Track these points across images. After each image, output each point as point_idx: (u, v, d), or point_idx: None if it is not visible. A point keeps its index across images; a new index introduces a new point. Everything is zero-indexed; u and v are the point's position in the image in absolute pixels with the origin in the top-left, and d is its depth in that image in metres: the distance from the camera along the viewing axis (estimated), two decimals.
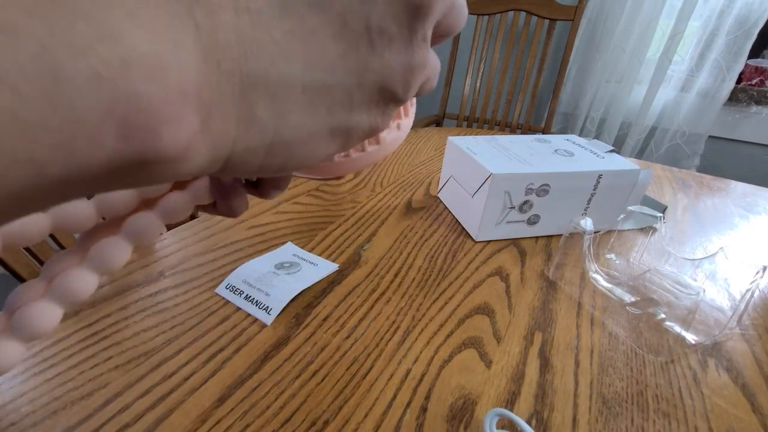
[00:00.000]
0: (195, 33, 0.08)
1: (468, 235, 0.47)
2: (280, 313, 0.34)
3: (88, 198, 0.15)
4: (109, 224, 0.16)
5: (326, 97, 0.11)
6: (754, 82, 1.24)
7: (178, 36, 0.08)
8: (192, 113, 0.08)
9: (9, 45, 0.06)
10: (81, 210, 0.14)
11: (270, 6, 0.09)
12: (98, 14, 0.06)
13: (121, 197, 0.15)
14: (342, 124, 0.12)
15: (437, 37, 0.14)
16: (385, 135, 0.19)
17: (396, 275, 0.40)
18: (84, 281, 0.14)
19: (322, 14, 0.10)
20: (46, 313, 0.13)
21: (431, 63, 0.13)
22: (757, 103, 1.24)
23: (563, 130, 1.49)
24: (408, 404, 0.27)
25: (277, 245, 0.42)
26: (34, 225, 0.13)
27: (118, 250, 0.14)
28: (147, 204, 0.16)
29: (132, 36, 0.07)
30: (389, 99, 0.12)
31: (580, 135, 1.42)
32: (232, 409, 0.26)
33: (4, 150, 0.06)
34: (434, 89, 1.67)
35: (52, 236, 0.55)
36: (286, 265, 0.39)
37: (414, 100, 0.20)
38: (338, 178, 0.20)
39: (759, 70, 1.24)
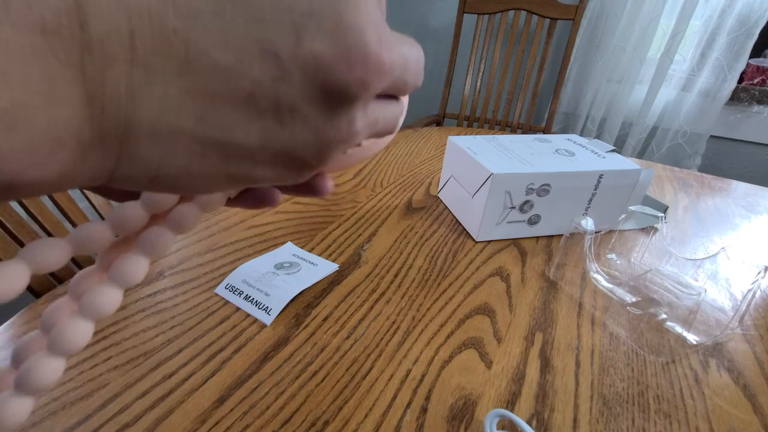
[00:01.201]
0: (81, 81, 0.08)
1: (468, 235, 0.47)
2: (279, 314, 0.33)
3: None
4: (124, 240, 0.17)
5: (221, 150, 0.11)
6: (755, 81, 1.24)
7: (56, 86, 0.08)
8: (63, 152, 0.09)
9: None
10: (97, 232, 0.15)
11: (168, 64, 0.09)
12: None
13: (134, 215, 0.16)
14: (241, 173, 0.11)
15: (395, 93, 0.13)
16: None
17: (396, 275, 0.40)
18: (109, 297, 0.15)
19: (226, 83, 0.10)
20: (79, 329, 0.14)
21: (360, 133, 0.12)
22: (759, 102, 1.23)
23: (564, 130, 1.49)
24: (408, 405, 0.27)
25: (276, 245, 0.42)
26: (57, 252, 0.14)
27: (136, 266, 0.15)
28: (157, 218, 0.17)
29: None
30: (300, 166, 0.12)
31: (580, 135, 1.42)
32: (232, 410, 0.26)
33: None
34: (436, 88, 1.67)
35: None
36: (285, 265, 0.39)
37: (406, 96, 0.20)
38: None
39: (761, 70, 1.23)
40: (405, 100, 0.16)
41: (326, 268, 0.39)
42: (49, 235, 0.55)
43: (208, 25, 0.09)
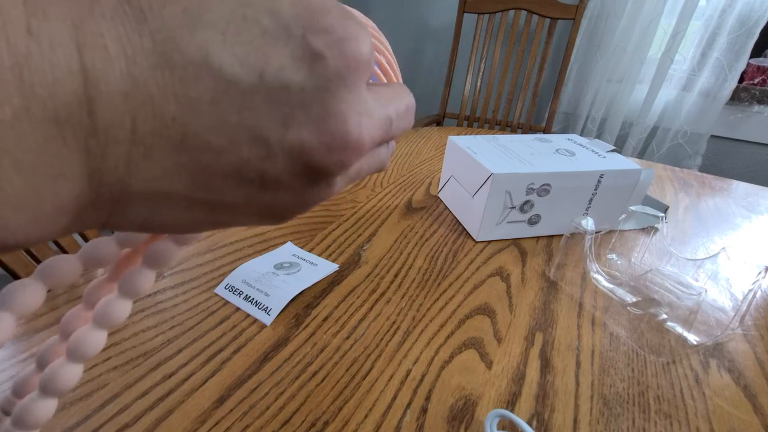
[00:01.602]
0: (85, 160, 0.09)
1: (468, 235, 0.47)
2: (279, 314, 0.33)
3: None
4: (133, 252, 0.18)
5: (208, 206, 0.11)
6: (756, 81, 1.24)
7: (63, 167, 0.09)
8: (63, 218, 0.10)
9: None
10: (105, 247, 0.16)
11: (165, 144, 0.10)
12: None
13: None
14: (225, 221, 0.12)
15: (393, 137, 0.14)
16: None
17: (396, 275, 0.40)
18: (120, 308, 0.16)
19: (216, 160, 0.10)
20: (94, 338, 0.16)
21: (341, 189, 0.13)
22: (760, 102, 1.23)
23: (564, 130, 1.49)
24: (408, 405, 0.27)
25: (276, 245, 0.42)
26: (71, 269, 0.15)
27: (144, 278, 0.16)
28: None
29: (10, 182, 0.08)
30: (281, 217, 0.13)
31: (581, 135, 1.42)
32: (232, 410, 0.26)
33: None
34: (436, 88, 1.67)
35: None
36: (285, 265, 0.39)
37: (399, 78, 0.20)
38: None
39: (761, 70, 1.23)
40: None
41: (326, 268, 0.39)
42: None
43: (204, 113, 0.10)
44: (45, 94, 0.08)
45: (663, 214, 0.43)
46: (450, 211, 0.52)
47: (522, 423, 0.24)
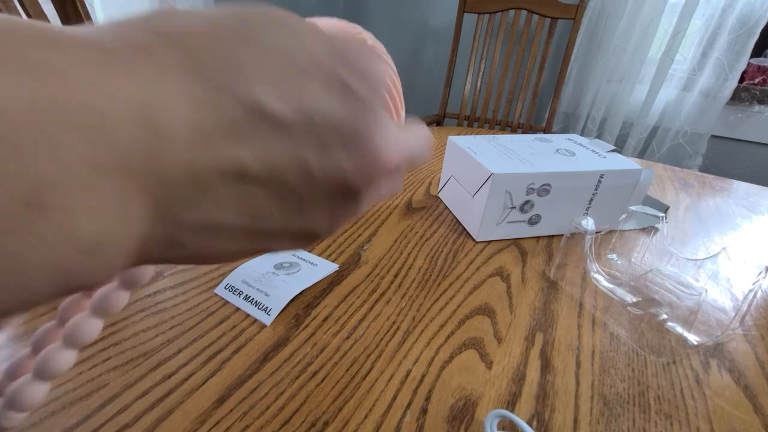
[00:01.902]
0: (153, 202, 0.10)
1: (469, 235, 0.47)
2: (279, 314, 0.33)
3: None
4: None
5: (249, 234, 0.12)
6: (756, 81, 1.24)
7: (131, 211, 0.09)
8: (129, 259, 0.10)
9: None
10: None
11: (219, 179, 0.11)
12: (59, 216, 0.08)
13: None
14: (261, 247, 0.13)
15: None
16: None
17: (396, 275, 0.40)
18: (119, 298, 0.17)
19: (266, 188, 0.11)
20: (91, 325, 0.17)
21: (365, 208, 0.15)
22: (760, 102, 1.23)
23: (564, 130, 1.49)
24: (408, 405, 0.27)
25: None
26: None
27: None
28: None
29: (85, 229, 0.08)
30: (313, 238, 0.14)
31: (581, 134, 1.42)
32: (232, 410, 0.26)
33: None
34: (436, 88, 1.67)
35: None
36: (285, 265, 0.39)
37: (402, 113, 0.22)
38: None
39: (762, 69, 1.23)
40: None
41: (326, 268, 0.39)
42: None
43: (254, 147, 0.11)
44: (119, 148, 0.09)
45: (663, 214, 0.43)
46: (450, 211, 0.52)
47: (522, 423, 0.24)
